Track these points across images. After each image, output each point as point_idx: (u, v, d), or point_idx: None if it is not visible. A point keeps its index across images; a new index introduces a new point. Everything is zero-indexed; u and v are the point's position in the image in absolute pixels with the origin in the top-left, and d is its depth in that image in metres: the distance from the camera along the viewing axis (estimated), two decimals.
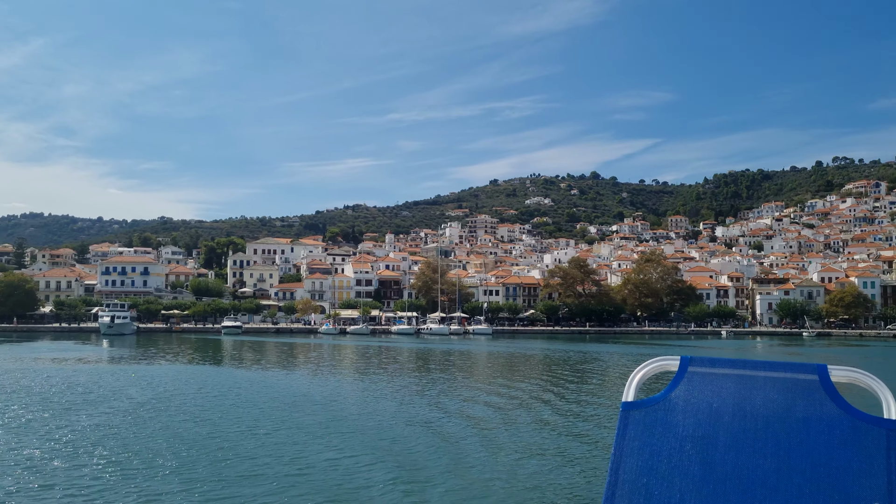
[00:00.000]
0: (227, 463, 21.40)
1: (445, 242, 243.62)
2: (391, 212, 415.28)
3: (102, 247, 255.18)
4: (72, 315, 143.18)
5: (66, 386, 42.55)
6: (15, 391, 39.70)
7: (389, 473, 20.13)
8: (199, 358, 73.98)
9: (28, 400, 35.94)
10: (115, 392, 39.44)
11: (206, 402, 35.49)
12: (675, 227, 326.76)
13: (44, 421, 29.47)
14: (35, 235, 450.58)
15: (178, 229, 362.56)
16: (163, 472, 20.22)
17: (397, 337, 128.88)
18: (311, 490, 18.46)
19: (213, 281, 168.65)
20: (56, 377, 47.98)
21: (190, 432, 26.69)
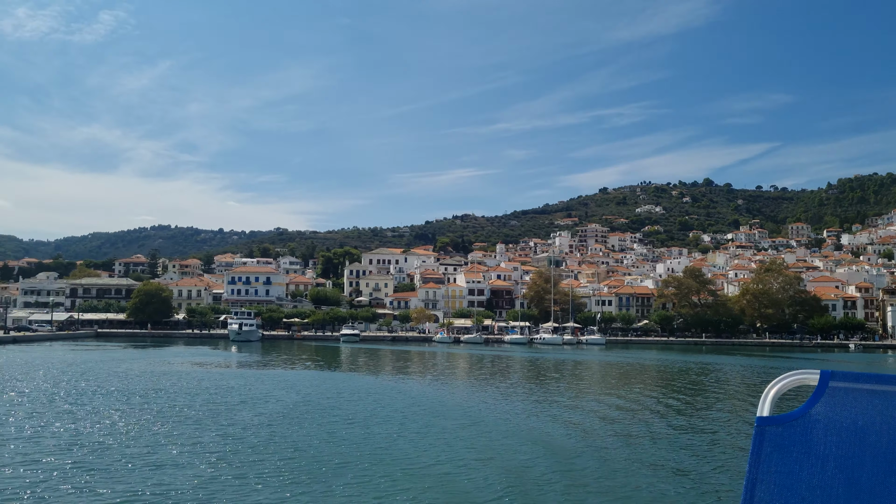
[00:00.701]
0: (389, 463, 23.61)
1: (555, 252, 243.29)
2: (499, 221, 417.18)
3: (226, 257, 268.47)
4: (202, 322, 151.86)
5: (219, 388, 46.46)
6: (178, 392, 43.82)
7: (504, 484, 21.54)
8: (327, 364, 77.79)
9: (192, 400, 39.74)
10: (265, 395, 42.90)
11: (350, 406, 38.22)
12: (796, 234, 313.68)
13: (214, 418, 32.82)
14: (163, 246, 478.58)
15: (293, 240, 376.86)
16: (334, 468, 22.66)
17: (510, 346, 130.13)
18: (466, 489, 20.38)
19: (331, 290, 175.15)
20: (207, 380, 52.31)
21: (345, 433, 29.23)
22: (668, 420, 36.37)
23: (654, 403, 43.56)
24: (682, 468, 24.31)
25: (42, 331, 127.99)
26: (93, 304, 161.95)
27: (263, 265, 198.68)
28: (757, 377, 64.09)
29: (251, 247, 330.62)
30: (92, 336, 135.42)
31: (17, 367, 61.83)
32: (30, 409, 35.70)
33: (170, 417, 33.16)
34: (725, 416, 38.62)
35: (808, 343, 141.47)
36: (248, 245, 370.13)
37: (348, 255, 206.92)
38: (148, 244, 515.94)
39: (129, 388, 45.88)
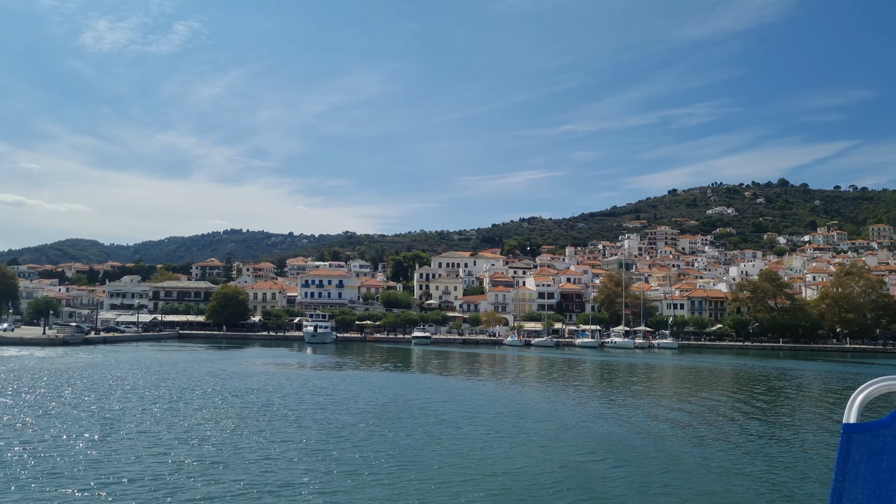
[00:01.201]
0: (488, 461, 24.90)
1: (625, 255, 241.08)
2: (566, 224, 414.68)
3: (297, 261, 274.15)
4: (277, 324, 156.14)
5: (308, 388, 48.58)
6: (271, 391, 46.07)
7: (575, 487, 22.56)
8: (404, 366, 79.69)
9: (287, 400, 41.88)
10: (353, 395, 44.79)
11: (438, 407, 39.75)
12: (877, 236, 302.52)
13: (312, 417, 34.72)
14: (235, 250, 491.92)
15: (362, 243, 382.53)
16: (436, 466, 24.07)
17: (581, 350, 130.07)
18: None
19: (402, 293, 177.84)
20: (295, 380, 54.64)
21: (439, 433, 30.68)
22: (745, 425, 36.30)
23: (730, 408, 43.62)
24: (760, 475, 24.12)
25: (129, 332, 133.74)
26: (174, 306, 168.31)
27: (335, 269, 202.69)
28: (839, 383, 63.05)
29: (322, 251, 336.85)
30: (174, 337, 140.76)
31: (118, 367, 65.45)
32: (141, 405, 38.29)
33: (272, 416, 35.25)
34: (807, 423, 38.38)
35: (893, 349, 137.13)
36: (319, 249, 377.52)
37: (417, 259, 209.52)
38: (221, 248, 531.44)
39: (224, 387, 48.41)
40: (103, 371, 60.27)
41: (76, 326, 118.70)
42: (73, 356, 79.24)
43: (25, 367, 63.25)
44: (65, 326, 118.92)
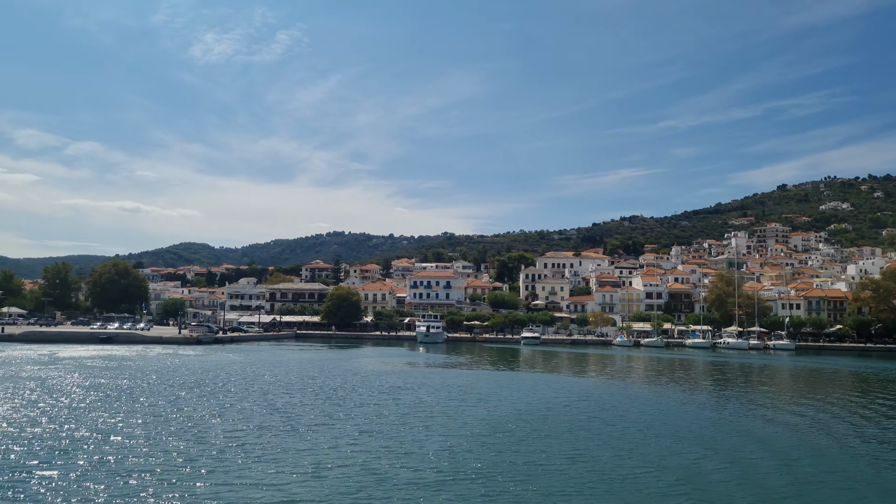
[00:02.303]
0: (661, 459, 26.80)
1: (732, 253, 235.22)
2: (668, 222, 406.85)
3: (402, 262, 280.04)
4: (388, 324, 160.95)
5: (447, 386, 51.34)
6: (410, 387, 49.08)
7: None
8: (523, 366, 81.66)
9: (435, 398, 44.73)
10: (490, 393, 47.35)
11: (581, 405, 42.00)
12: None
13: (468, 413, 37.39)
14: (338, 252, 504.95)
15: (462, 244, 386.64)
16: (612, 465, 26.22)
17: (692, 350, 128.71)
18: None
19: (508, 294, 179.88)
20: (432, 377, 57.67)
21: (595, 433, 32.90)
22: (871, 432, 35.81)
23: (854, 414, 43.04)
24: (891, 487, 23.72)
25: (251, 332, 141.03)
26: (289, 307, 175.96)
27: (441, 270, 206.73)
28: None
29: (424, 252, 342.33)
30: (292, 337, 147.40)
31: (262, 365, 70.30)
32: (310, 400, 41.89)
33: (430, 413, 38.11)
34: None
35: None
36: (420, 250, 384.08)
37: (522, 260, 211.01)
38: (324, 250, 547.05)
39: (371, 384, 51.80)
40: (253, 369, 65.04)
41: (207, 327, 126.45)
42: (214, 355, 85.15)
43: (184, 364, 68.79)
44: (197, 326, 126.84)
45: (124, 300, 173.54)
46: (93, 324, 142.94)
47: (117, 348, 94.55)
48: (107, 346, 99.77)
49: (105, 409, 36.65)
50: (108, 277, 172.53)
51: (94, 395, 42.42)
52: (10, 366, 63.10)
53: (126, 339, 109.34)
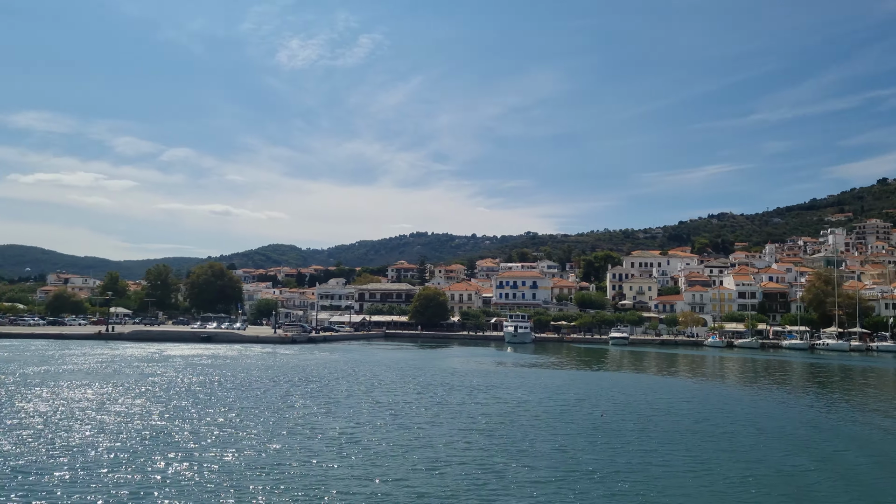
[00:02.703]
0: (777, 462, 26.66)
1: (830, 251, 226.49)
2: (759, 219, 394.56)
3: (486, 262, 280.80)
4: (475, 324, 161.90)
5: (542, 386, 51.76)
6: (508, 387, 49.65)
7: None
8: (616, 366, 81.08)
9: (535, 397, 45.24)
10: (588, 394, 47.52)
11: (684, 407, 41.79)
12: None
13: (570, 413, 37.83)
14: (421, 252, 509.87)
15: (545, 244, 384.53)
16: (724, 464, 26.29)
17: (789, 352, 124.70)
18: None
19: (595, 294, 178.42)
20: (526, 377, 58.15)
21: (705, 436, 32.89)
22: None
23: None
24: None
25: (342, 331, 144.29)
26: (377, 307, 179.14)
27: (527, 270, 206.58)
28: None
29: (508, 252, 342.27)
30: (381, 336, 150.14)
31: (360, 364, 72.17)
32: (416, 398, 43.06)
33: (532, 412, 38.66)
34: None
35: None
36: (503, 250, 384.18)
37: (609, 259, 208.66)
38: (408, 250, 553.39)
39: (470, 383, 52.55)
40: (352, 367, 66.87)
41: (300, 326, 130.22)
42: (311, 354, 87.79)
43: (285, 363, 71.34)
44: (291, 326, 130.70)
45: (220, 300, 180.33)
46: (192, 323, 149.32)
47: (218, 347, 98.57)
48: (207, 344, 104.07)
49: (222, 405, 38.59)
50: (204, 279, 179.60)
51: (210, 391, 44.65)
52: (128, 363, 66.82)
53: (225, 338, 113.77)
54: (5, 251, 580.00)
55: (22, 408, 35.89)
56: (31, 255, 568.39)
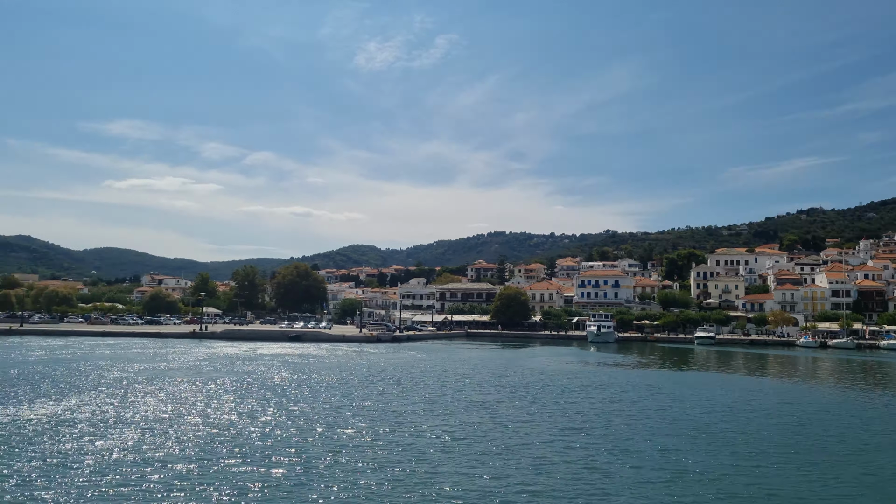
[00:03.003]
0: None
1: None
2: (852, 214, 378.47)
3: (566, 261, 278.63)
4: (556, 324, 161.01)
5: (641, 386, 51.57)
6: (603, 386, 49.66)
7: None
8: (704, 366, 79.63)
9: (623, 397, 45.23)
10: (681, 394, 47.12)
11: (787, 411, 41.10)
12: None
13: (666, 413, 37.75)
14: (499, 252, 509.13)
15: (625, 242, 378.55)
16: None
17: (887, 352, 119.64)
18: None
19: (679, 293, 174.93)
20: (618, 377, 57.95)
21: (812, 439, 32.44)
22: None
23: None
24: None
25: (424, 330, 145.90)
26: (458, 306, 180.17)
27: (609, 269, 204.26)
28: None
29: (587, 250, 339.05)
30: (463, 336, 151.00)
31: (451, 363, 73.21)
32: (495, 398, 43.69)
33: (627, 412, 38.72)
34: None
35: None
36: (582, 248, 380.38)
37: (692, 257, 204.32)
38: (485, 250, 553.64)
39: (565, 382, 52.81)
40: (441, 366, 67.97)
41: (385, 326, 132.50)
42: (398, 353, 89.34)
43: (373, 361, 72.95)
44: (375, 325, 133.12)
45: (305, 300, 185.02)
46: (279, 323, 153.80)
47: (306, 346, 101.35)
48: (296, 343, 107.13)
49: (324, 404, 39.98)
50: (290, 279, 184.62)
51: (310, 390, 46.27)
52: (225, 361, 69.63)
53: (313, 337, 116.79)
54: (103, 253, 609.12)
55: (142, 404, 38.09)
56: (126, 257, 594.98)
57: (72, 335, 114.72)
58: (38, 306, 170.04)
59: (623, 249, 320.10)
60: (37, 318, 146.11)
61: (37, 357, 70.47)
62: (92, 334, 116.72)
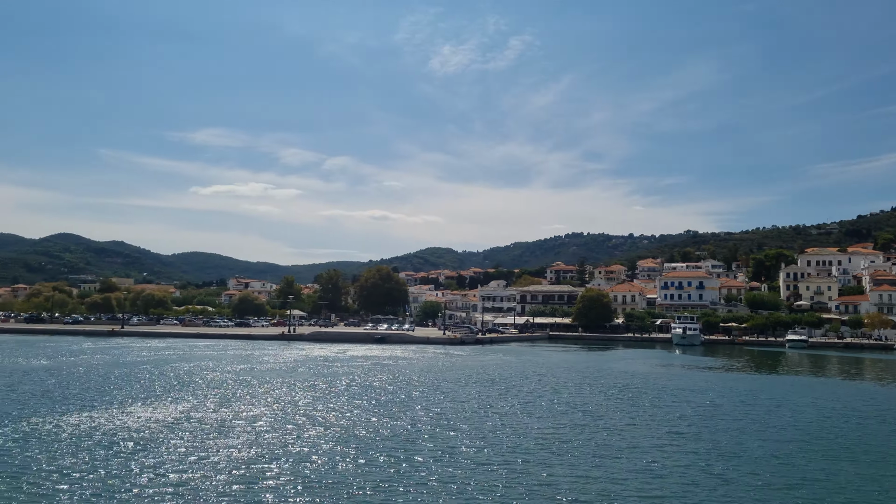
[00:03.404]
0: None
1: None
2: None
3: (647, 262, 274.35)
4: (639, 326, 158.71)
5: (732, 391, 50.83)
6: (702, 390, 49.13)
7: None
8: (800, 371, 77.40)
9: (723, 401, 44.68)
10: (783, 399, 46.20)
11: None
12: None
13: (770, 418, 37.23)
14: (577, 253, 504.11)
15: (707, 242, 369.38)
16: None
17: None
18: None
19: (768, 294, 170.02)
20: (712, 381, 57.12)
21: None
22: None
23: None
24: None
25: (506, 333, 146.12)
26: (539, 308, 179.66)
27: (692, 270, 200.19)
28: None
29: (668, 252, 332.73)
30: (545, 338, 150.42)
31: (532, 366, 73.45)
32: (592, 400, 43.82)
33: (730, 416, 38.35)
34: None
35: None
36: (663, 249, 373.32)
37: (781, 257, 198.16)
38: (563, 251, 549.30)
39: (647, 384, 52.49)
40: (531, 369, 68.26)
41: (468, 328, 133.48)
42: (484, 355, 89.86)
43: (462, 363, 73.81)
44: (458, 328, 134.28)
45: (388, 302, 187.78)
46: (362, 325, 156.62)
47: (392, 348, 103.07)
48: (382, 345, 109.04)
49: (423, 406, 40.92)
50: (372, 282, 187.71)
51: (408, 392, 47.36)
52: (317, 363, 71.69)
53: (398, 339, 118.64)
54: (190, 258, 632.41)
55: (253, 405, 39.86)
56: (211, 261, 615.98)
57: (169, 336, 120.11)
58: (136, 309, 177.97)
59: (705, 250, 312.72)
60: (135, 319, 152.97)
61: (142, 357, 74.21)
62: (188, 336, 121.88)
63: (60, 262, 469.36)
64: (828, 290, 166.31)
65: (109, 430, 30.26)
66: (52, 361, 67.99)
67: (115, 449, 26.43)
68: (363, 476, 23.08)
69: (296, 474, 23.13)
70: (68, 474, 22.46)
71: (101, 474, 22.51)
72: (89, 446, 26.89)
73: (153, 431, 30.31)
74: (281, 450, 27.05)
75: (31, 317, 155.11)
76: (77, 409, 36.68)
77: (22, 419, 32.82)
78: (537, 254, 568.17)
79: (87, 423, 31.89)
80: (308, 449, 27.35)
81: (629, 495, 21.41)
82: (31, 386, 46.96)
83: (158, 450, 26.47)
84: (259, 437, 29.51)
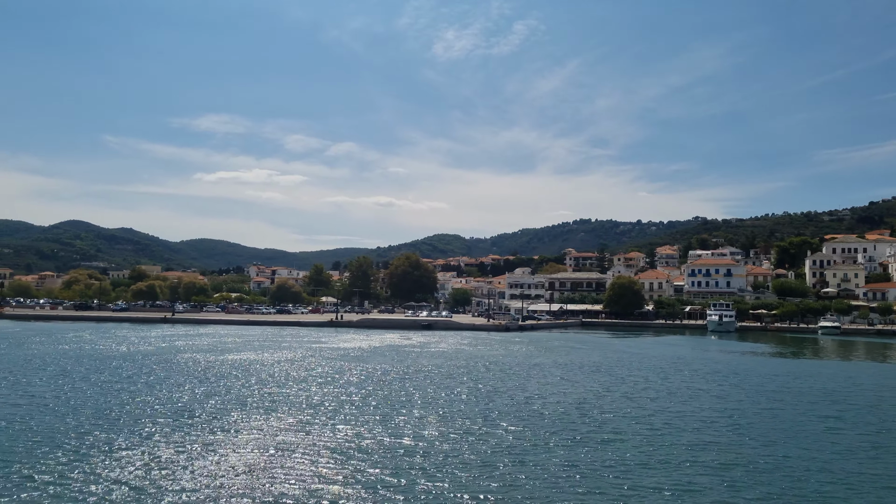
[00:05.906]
0: None
1: None
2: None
3: (664, 249, 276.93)
4: (669, 313, 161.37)
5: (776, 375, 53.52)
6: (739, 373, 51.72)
7: None
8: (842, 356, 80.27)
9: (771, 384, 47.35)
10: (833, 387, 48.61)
11: None
12: None
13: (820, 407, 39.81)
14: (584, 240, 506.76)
15: (717, 228, 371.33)
16: None
17: None
18: None
19: (795, 281, 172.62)
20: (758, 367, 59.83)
21: None
22: None
23: None
24: None
25: (542, 320, 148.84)
26: (568, 295, 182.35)
27: (718, 258, 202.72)
28: None
29: (680, 238, 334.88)
30: (578, 325, 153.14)
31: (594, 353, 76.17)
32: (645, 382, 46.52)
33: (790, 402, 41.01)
34: None
35: None
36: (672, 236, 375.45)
37: (807, 245, 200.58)
38: (571, 238, 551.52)
39: (721, 369, 55.08)
40: (614, 356, 70.93)
41: (510, 315, 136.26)
42: (544, 342, 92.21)
43: (531, 350, 76.41)
44: (503, 315, 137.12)
45: (417, 290, 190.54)
46: (396, 311, 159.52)
47: (443, 334, 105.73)
48: (430, 331, 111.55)
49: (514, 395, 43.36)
50: (402, 269, 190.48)
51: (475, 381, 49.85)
52: (388, 349, 74.27)
53: (444, 325, 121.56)
54: (198, 244, 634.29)
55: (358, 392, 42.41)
56: (219, 248, 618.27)
57: (219, 324, 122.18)
58: (177, 297, 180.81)
59: (720, 236, 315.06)
60: (181, 307, 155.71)
61: (208, 344, 76.61)
62: (237, 323, 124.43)
63: (72, 249, 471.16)
64: (854, 278, 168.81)
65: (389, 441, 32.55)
66: (134, 348, 69.76)
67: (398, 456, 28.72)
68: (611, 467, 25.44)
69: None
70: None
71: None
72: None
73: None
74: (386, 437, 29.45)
75: (80, 304, 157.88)
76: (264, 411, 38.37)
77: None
78: (545, 240, 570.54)
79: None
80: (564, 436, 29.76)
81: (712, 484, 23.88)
82: (182, 388, 43.30)
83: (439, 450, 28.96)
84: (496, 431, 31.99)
